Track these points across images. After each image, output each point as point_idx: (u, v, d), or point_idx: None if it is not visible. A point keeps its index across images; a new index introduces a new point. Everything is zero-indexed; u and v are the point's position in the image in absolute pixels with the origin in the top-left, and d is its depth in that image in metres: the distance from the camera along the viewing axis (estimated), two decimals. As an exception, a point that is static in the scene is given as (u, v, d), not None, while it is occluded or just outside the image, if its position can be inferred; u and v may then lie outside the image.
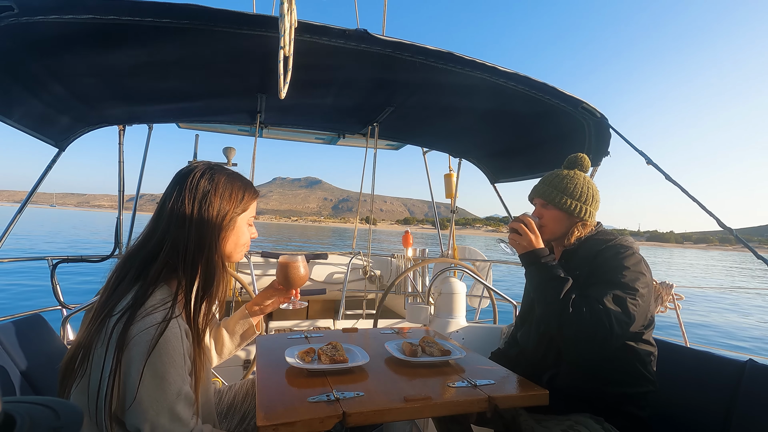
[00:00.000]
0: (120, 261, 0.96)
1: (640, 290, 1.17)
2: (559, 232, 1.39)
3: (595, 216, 1.40)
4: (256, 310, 1.33)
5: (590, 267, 1.28)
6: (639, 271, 1.21)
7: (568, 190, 1.37)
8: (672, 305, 2.16)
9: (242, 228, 1.05)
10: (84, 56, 1.60)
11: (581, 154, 1.45)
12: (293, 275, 1.27)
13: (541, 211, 1.41)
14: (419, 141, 3.32)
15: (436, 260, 3.41)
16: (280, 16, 1.16)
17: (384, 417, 0.95)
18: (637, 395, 1.23)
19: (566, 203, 1.36)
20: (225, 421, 1.27)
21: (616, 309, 1.13)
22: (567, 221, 1.38)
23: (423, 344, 1.34)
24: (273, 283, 1.33)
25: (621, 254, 1.25)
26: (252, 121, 2.67)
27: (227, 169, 1.05)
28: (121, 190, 2.90)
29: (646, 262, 1.27)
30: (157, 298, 0.88)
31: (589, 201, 1.37)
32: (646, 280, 1.21)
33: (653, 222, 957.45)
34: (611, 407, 1.21)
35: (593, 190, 1.39)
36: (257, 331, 1.33)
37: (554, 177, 1.42)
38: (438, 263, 3.63)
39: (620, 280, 1.18)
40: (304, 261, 1.30)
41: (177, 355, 0.85)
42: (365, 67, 1.82)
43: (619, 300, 1.15)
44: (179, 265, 0.93)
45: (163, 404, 0.81)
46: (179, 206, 0.94)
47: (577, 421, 1.17)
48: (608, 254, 1.26)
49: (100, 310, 0.87)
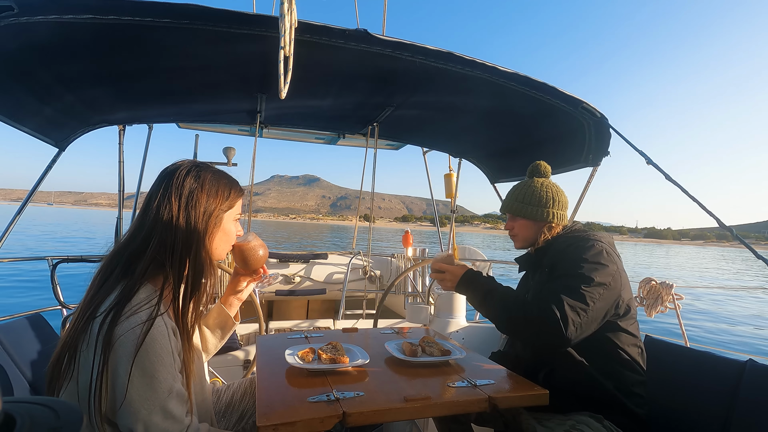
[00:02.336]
0: (106, 258, 0.95)
1: (597, 279, 1.20)
2: (531, 238, 1.48)
3: (562, 216, 1.46)
4: (232, 300, 1.32)
5: (554, 263, 1.34)
6: (597, 261, 1.24)
7: (527, 199, 1.46)
8: (672, 305, 2.16)
9: (228, 225, 1.06)
10: (84, 56, 1.60)
11: (538, 162, 1.53)
12: (250, 257, 1.23)
13: (512, 224, 1.52)
14: (419, 141, 3.32)
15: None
16: (280, 16, 1.16)
17: (384, 417, 0.95)
18: (633, 393, 1.25)
19: (530, 211, 1.45)
20: (223, 419, 1.27)
21: (569, 298, 1.16)
22: (535, 227, 1.47)
23: (423, 344, 1.34)
24: (236, 269, 1.31)
25: (581, 247, 1.30)
26: (252, 121, 2.67)
27: (212, 166, 1.06)
28: (121, 190, 2.90)
29: (610, 253, 1.30)
30: (141, 296, 0.87)
31: (551, 204, 1.44)
32: (608, 270, 1.24)
33: (651, 219, 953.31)
34: (608, 404, 1.22)
35: (552, 192, 1.46)
36: (236, 321, 1.32)
37: (516, 190, 1.52)
38: (438, 263, 3.62)
39: (576, 272, 1.22)
40: (256, 239, 1.24)
41: (165, 353, 0.84)
42: (365, 67, 1.82)
43: (571, 290, 1.18)
44: (167, 261, 0.93)
45: (154, 403, 0.81)
46: (166, 204, 0.94)
47: (579, 421, 1.17)
48: (569, 249, 1.32)
49: (85, 309, 0.86)
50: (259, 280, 1.32)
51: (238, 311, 1.35)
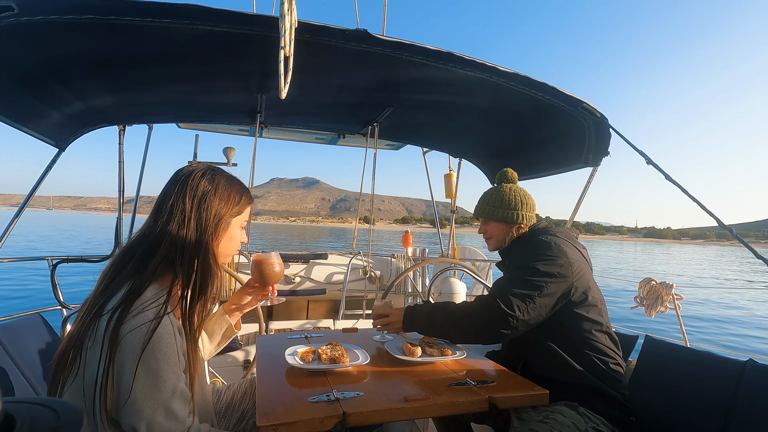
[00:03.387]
0: (118, 254, 0.96)
1: (542, 269, 1.29)
2: (504, 240, 1.57)
3: (531, 217, 1.55)
4: (233, 309, 1.33)
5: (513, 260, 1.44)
6: (544, 254, 1.33)
7: (497, 203, 1.55)
8: (672, 305, 2.16)
9: (235, 230, 1.08)
10: (84, 56, 1.60)
11: (505, 169, 1.63)
12: (268, 272, 1.26)
13: (484, 227, 1.61)
14: (419, 141, 3.32)
15: (436, 260, 3.41)
16: (280, 16, 1.16)
17: (384, 417, 0.95)
18: (609, 377, 1.28)
19: (500, 214, 1.54)
20: (223, 420, 1.27)
21: (513, 288, 1.27)
22: (506, 228, 1.56)
23: (423, 344, 1.34)
24: (249, 281, 1.33)
25: (533, 242, 1.41)
26: (252, 121, 2.67)
27: (226, 172, 1.08)
28: (121, 191, 2.90)
29: (559, 245, 1.36)
30: (149, 295, 0.88)
31: (519, 206, 1.53)
32: (556, 261, 1.31)
33: (651, 219, 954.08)
34: (585, 390, 1.26)
35: (520, 195, 1.55)
36: (237, 330, 1.33)
37: (486, 196, 1.61)
38: (438, 263, 3.63)
39: (524, 264, 1.32)
40: (278, 258, 1.28)
41: (171, 352, 0.85)
42: (365, 67, 1.82)
43: (516, 280, 1.30)
44: (177, 260, 0.94)
45: (158, 402, 0.81)
46: (179, 204, 0.96)
47: (554, 410, 1.19)
48: (526, 246, 1.42)
49: (94, 304, 0.87)
50: (265, 298, 1.33)
51: (239, 320, 1.35)
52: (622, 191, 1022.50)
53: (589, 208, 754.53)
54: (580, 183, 2.39)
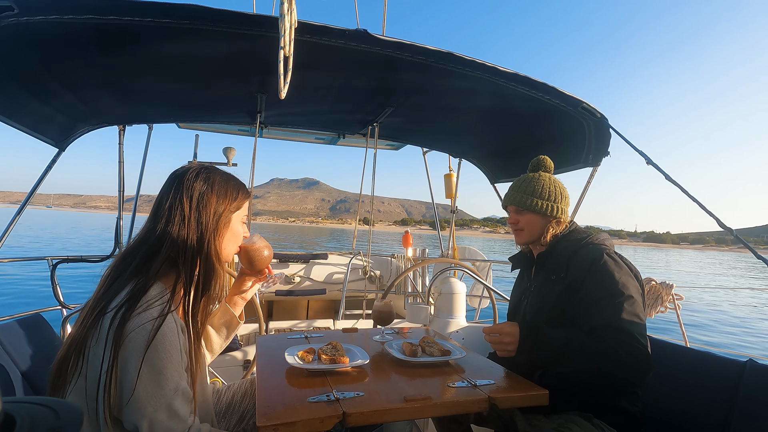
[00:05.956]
0: (118, 257, 0.97)
1: (632, 293, 1.19)
2: (537, 234, 1.44)
3: (567, 213, 1.44)
4: (236, 300, 1.33)
5: (572, 272, 1.29)
6: (622, 273, 1.23)
7: (537, 192, 1.42)
8: (672, 305, 2.16)
9: (236, 226, 1.09)
10: (84, 56, 1.60)
11: (542, 156, 1.50)
12: (257, 258, 1.25)
13: (516, 217, 1.47)
14: (419, 141, 3.32)
15: (436, 260, 3.41)
16: (280, 16, 1.16)
17: (384, 417, 0.95)
18: (626, 391, 1.24)
19: (537, 205, 1.41)
20: (223, 420, 1.27)
21: (636, 330, 1.14)
22: (542, 222, 1.42)
23: (423, 344, 1.34)
24: (242, 270, 1.33)
25: (600, 261, 1.25)
26: (252, 121, 2.66)
27: (220, 169, 1.09)
28: (121, 191, 2.90)
29: (622, 259, 1.28)
30: (153, 293, 0.88)
31: (559, 199, 1.41)
32: (635, 282, 1.23)
33: (650, 223, 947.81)
34: (600, 403, 1.22)
35: (560, 188, 1.44)
36: (241, 321, 1.34)
37: (522, 182, 1.47)
38: (438, 263, 3.63)
39: (620, 291, 1.19)
40: (261, 240, 1.27)
41: (174, 350, 0.85)
42: (365, 67, 1.82)
43: (632, 315, 1.16)
44: (179, 260, 0.94)
45: (161, 400, 0.81)
46: (177, 204, 0.97)
47: (568, 420, 1.18)
48: (592, 267, 1.26)
49: (95, 306, 0.87)
50: (264, 280, 1.34)
51: (242, 311, 1.36)
52: (621, 196, 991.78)
53: (588, 212, 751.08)
54: (579, 184, 2.39)
